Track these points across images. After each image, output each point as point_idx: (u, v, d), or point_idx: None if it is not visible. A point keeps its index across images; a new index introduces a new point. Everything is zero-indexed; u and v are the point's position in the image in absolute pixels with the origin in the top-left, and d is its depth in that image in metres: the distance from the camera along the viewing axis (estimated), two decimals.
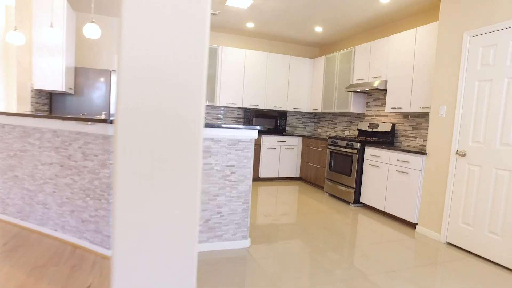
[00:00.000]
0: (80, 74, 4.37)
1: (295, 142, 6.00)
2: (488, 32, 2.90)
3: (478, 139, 2.97)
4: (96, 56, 5.26)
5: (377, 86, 4.40)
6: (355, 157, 4.47)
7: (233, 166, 2.82)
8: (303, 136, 6.00)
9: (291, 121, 6.65)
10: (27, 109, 3.61)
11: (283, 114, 6.11)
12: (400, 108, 4.21)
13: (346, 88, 4.98)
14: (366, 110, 5.27)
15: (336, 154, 4.89)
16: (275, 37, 6.12)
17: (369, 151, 4.35)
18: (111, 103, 4.53)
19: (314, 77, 6.25)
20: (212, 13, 4.87)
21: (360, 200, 4.47)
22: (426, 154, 3.48)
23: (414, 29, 4.04)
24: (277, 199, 4.66)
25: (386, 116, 4.86)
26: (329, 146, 5.08)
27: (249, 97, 5.91)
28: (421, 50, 3.92)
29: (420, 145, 4.24)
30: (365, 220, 3.87)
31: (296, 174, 6.08)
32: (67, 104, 4.35)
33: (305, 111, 6.41)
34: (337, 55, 5.57)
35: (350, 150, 4.59)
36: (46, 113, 3.85)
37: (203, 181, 2.73)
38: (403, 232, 3.51)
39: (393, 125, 4.59)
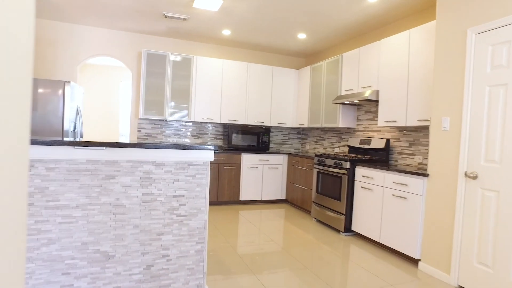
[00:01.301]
0: None
1: (280, 161, 5.40)
2: (499, 26, 2.37)
3: (493, 157, 2.38)
4: (49, 65, 4.70)
5: (367, 96, 3.85)
6: (345, 179, 3.87)
7: (183, 196, 2.21)
8: (289, 154, 5.40)
9: (276, 137, 6.07)
10: None
11: (266, 130, 5.54)
12: (395, 121, 3.64)
13: (334, 100, 4.43)
14: (357, 124, 4.71)
15: (324, 174, 4.29)
16: (255, 46, 5.62)
17: (360, 171, 3.75)
18: (65, 117, 3.94)
19: (300, 89, 5.72)
20: (180, 18, 4.36)
21: (352, 228, 3.84)
22: (427, 175, 2.89)
23: (407, 31, 3.52)
24: (258, 227, 4.01)
25: (379, 130, 4.29)
26: (315, 166, 4.48)
27: (228, 111, 5.34)
28: (416, 54, 3.39)
29: (419, 164, 3.65)
30: (357, 254, 3.23)
31: (282, 196, 5.45)
32: None
33: (290, 126, 5.84)
34: (323, 64, 5.05)
35: (338, 170, 3.98)
36: None
37: (141, 217, 2.11)
38: (404, 270, 2.87)
39: (387, 140, 4.01)
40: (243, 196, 5.18)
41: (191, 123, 5.47)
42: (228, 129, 5.31)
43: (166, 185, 2.16)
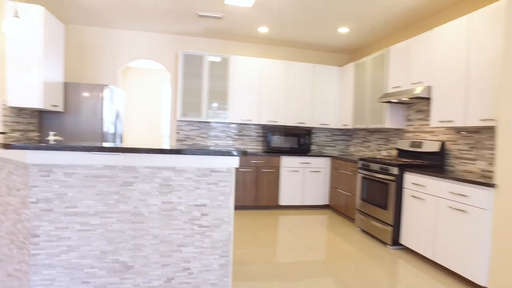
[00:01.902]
0: (71, 90, 3.94)
1: (322, 164, 5.07)
2: None
3: None
4: (91, 70, 4.87)
5: (418, 94, 3.41)
6: (392, 186, 3.46)
7: (205, 205, 2.05)
8: (332, 157, 5.05)
9: (318, 139, 5.74)
10: None
11: (307, 132, 5.24)
12: (451, 121, 3.17)
13: (380, 98, 4.03)
14: (407, 125, 4.24)
15: (369, 180, 3.90)
16: (294, 43, 5.35)
17: (410, 178, 3.32)
18: (104, 120, 4.03)
19: (343, 88, 5.34)
20: (215, 17, 4.25)
21: (400, 242, 3.42)
22: (494, 186, 2.43)
23: (465, 17, 3.04)
24: (296, 235, 3.76)
25: (433, 132, 3.80)
26: (359, 170, 4.10)
27: (267, 112, 5.14)
28: (477, 41, 2.90)
29: (482, 171, 3.14)
30: (407, 273, 2.83)
31: (324, 201, 5.12)
32: (56, 122, 3.92)
33: (333, 127, 5.48)
34: (368, 60, 4.63)
35: (385, 177, 3.59)
36: (30, 133, 3.45)
37: (161, 226, 1.99)
38: None
39: (442, 143, 3.53)
40: (282, 201, 4.95)
41: (230, 125, 5.36)
42: (267, 131, 5.11)
43: (187, 193, 2.02)
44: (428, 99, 3.52)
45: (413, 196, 3.27)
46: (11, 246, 2.01)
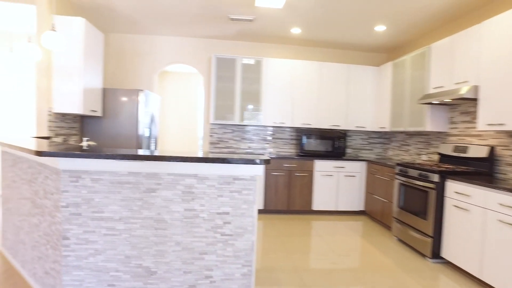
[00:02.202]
0: (109, 96, 4.13)
1: (357, 168, 4.86)
2: None
3: None
4: (130, 75, 5.06)
5: (463, 94, 3.13)
6: (432, 194, 3.21)
7: (227, 214, 2.02)
8: (368, 161, 4.83)
9: (354, 142, 5.52)
10: (45, 133, 3.41)
11: (342, 134, 5.05)
12: (502, 124, 2.86)
13: (420, 99, 3.76)
14: (450, 128, 3.92)
15: (406, 187, 3.66)
16: (328, 44, 5.18)
17: (452, 186, 3.06)
18: (139, 123, 4.17)
19: (381, 89, 5.07)
20: (246, 19, 4.23)
21: (441, 255, 3.16)
22: None
23: None
24: (328, 242, 3.62)
25: (480, 135, 3.48)
26: (397, 176, 3.86)
27: (300, 115, 5.03)
28: None
29: None
30: None
31: (360, 207, 4.90)
32: (96, 127, 4.13)
33: (370, 130, 5.23)
34: (407, 58, 4.35)
35: (424, 184, 3.34)
36: (73, 137, 3.67)
37: (183, 234, 1.99)
38: None
39: (492, 148, 3.21)
40: (316, 206, 4.81)
41: (263, 128, 5.32)
42: (300, 134, 5.00)
43: (209, 201, 2.00)
44: (474, 100, 3.22)
45: (455, 206, 3.00)
46: (47, 246, 2.12)
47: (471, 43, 3.25)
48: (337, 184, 4.82)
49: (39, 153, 1.76)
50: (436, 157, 4.19)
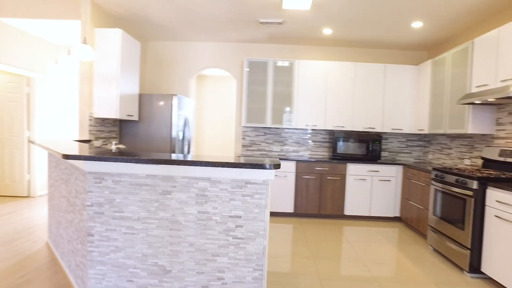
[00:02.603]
0: (145, 101, 4.37)
1: (393, 173, 4.63)
2: None
3: None
4: (168, 81, 5.30)
5: (510, 93, 2.85)
6: (470, 202, 2.96)
7: (239, 217, 2.04)
8: (404, 165, 4.57)
9: (391, 145, 5.26)
10: (86, 137, 3.71)
11: (377, 137, 4.85)
12: None
13: (460, 99, 3.49)
14: (497, 130, 3.58)
15: (443, 193, 3.41)
16: (363, 43, 4.99)
17: (493, 194, 2.79)
18: (172, 126, 4.36)
19: (419, 89, 4.78)
20: (275, 22, 4.23)
21: (481, 270, 2.90)
22: None
23: None
24: (357, 250, 3.50)
25: None
26: (433, 182, 3.62)
27: (333, 117, 4.91)
28: None
29: None
30: None
31: (395, 213, 4.66)
32: (133, 130, 4.39)
33: (408, 132, 4.95)
34: (447, 56, 4.05)
35: (461, 191, 3.09)
36: (112, 140, 3.96)
37: (197, 235, 2.05)
38: None
39: None
40: (348, 211, 4.67)
41: (295, 130, 5.28)
42: (334, 137, 4.88)
43: (222, 204, 2.04)
44: None
45: (498, 216, 2.74)
46: (78, 241, 2.31)
47: None
48: (370, 188, 4.63)
49: (66, 156, 1.92)
50: (480, 162, 3.85)
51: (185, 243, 2.06)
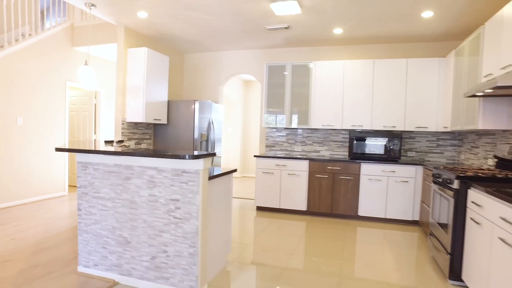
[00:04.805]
0: (172, 106, 5.07)
1: (411, 173, 4.35)
2: None
3: None
4: (201, 88, 5.94)
5: (496, 83, 2.57)
6: (451, 204, 2.74)
7: (178, 200, 2.43)
8: (423, 166, 4.26)
9: (418, 144, 4.89)
10: (119, 138, 4.55)
11: (396, 136, 4.61)
12: None
13: (465, 92, 3.20)
14: None
15: (436, 195, 3.18)
16: (378, 39, 4.80)
17: (472, 194, 2.56)
18: (195, 128, 4.95)
19: (446, 83, 4.38)
20: (281, 28, 4.46)
21: (462, 277, 2.66)
22: None
23: None
24: (349, 250, 3.48)
25: None
26: (433, 182, 3.37)
27: (351, 116, 4.85)
28: None
29: None
30: None
31: (413, 217, 4.36)
32: (162, 132, 5.13)
33: (434, 131, 4.56)
34: (466, 44, 3.69)
35: (447, 191, 2.86)
36: (146, 141, 4.73)
37: (148, 214, 2.50)
38: None
39: None
40: (362, 211, 4.56)
41: (316, 131, 5.35)
42: (353, 136, 4.82)
43: (165, 189, 2.46)
44: None
45: (472, 218, 2.50)
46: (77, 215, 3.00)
47: None
48: (386, 189, 4.43)
49: (57, 149, 2.60)
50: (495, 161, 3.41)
51: (140, 220, 2.54)
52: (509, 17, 2.73)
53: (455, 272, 2.70)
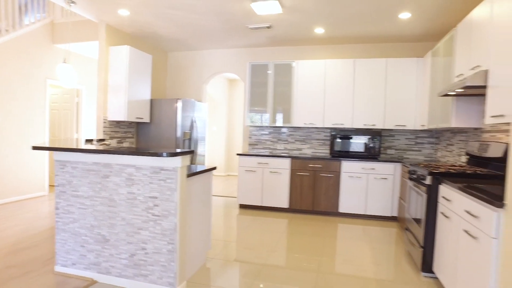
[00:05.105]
0: (155, 105, 5.05)
1: (390, 170, 4.46)
2: None
3: None
4: (184, 86, 5.93)
5: (466, 83, 2.67)
6: (424, 199, 2.84)
7: (156, 198, 2.44)
8: (401, 163, 4.38)
9: (398, 142, 5.02)
10: (101, 136, 4.51)
11: (376, 134, 4.72)
12: (502, 115, 2.37)
13: (439, 92, 3.31)
14: (484, 123, 3.28)
15: (412, 190, 3.28)
16: (361, 39, 4.90)
17: (442, 190, 2.66)
18: (177, 127, 4.94)
19: (423, 82, 4.51)
20: (263, 27, 4.50)
21: (433, 269, 2.76)
22: (503, 206, 1.76)
23: None
24: (326, 246, 3.56)
25: (507, 131, 2.85)
26: (409, 179, 3.48)
27: (332, 115, 4.94)
28: None
29: None
30: None
31: (392, 213, 4.48)
32: (145, 130, 5.11)
33: (412, 129, 4.69)
34: (440, 45, 3.82)
35: (420, 187, 2.97)
36: (128, 139, 4.70)
37: (127, 211, 2.51)
38: None
39: (506, 146, 2.63)
40: (342, 208, 4.65)
41: (298, 129, 5.42)
42: (335, 134, 4.91)
43: (144, 186, 2.47)
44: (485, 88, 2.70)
45: (442, 213, 2.61)
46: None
47: (485, 17, 2.75)
48: (366, 186, 4.54)
49: (34, 148, 2.57)
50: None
51: (119, 218, 2.54)
52: (477, 20, 2.84)
53: (427, 264, 2.80)
